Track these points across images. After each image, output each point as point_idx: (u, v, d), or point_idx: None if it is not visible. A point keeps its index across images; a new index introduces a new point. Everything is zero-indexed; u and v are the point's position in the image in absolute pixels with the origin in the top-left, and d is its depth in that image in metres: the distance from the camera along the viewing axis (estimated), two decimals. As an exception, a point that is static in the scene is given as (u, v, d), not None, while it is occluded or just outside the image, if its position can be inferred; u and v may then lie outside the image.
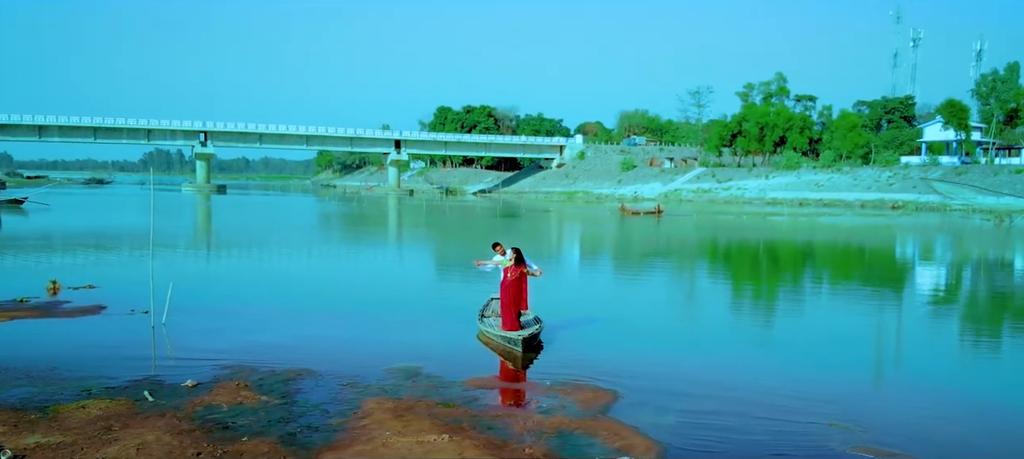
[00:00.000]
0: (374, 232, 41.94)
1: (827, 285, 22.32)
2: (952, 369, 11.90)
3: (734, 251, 32.35)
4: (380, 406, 8.44)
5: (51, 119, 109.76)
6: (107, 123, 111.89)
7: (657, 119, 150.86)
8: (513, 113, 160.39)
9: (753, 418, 8.51)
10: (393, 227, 47.23)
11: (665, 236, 39.82)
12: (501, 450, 7.23)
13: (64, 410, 8.04)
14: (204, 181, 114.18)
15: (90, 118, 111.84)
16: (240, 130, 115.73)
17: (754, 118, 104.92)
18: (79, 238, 31.14)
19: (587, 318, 14.73)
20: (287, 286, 19.02)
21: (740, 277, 23.97)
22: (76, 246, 27.24)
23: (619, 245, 35.59)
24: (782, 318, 16.25)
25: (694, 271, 25.38)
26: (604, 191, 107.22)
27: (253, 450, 7.04)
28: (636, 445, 7.50)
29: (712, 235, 40.96)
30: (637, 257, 29.99)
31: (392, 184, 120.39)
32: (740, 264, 27.86)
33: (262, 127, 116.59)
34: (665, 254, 30.94)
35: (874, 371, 11.12)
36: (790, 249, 33.31)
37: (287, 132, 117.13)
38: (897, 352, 13.04)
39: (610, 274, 24.38)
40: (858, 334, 14.28)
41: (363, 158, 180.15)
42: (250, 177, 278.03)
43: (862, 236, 40.77)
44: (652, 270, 25.36)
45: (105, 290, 16.60)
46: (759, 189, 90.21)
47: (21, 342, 11.60)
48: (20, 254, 25.06)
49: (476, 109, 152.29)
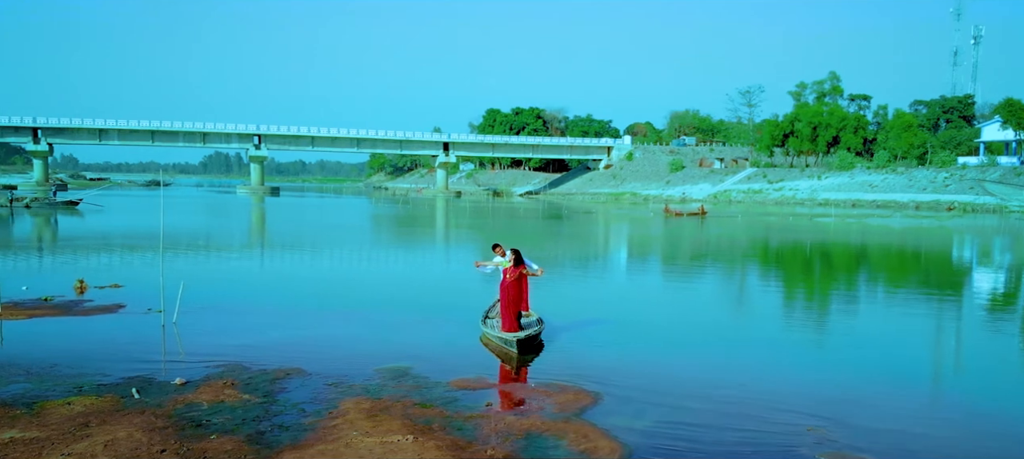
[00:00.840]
0: (411, 233, 42.28)
1: (852, 288, 21.76)
2: (964, 379, 11.51)
3: (768, 253, 31.80)
4: (357, 406, 8.52)
5: (111, 123, 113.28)
6: (164, 126, 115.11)
7: (708, 119, 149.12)
8: (562, 114, 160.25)
9: (732, 422, 8.38)
10: (430, 229, 47.52)
11: (703, 238, 39.34)
12: (463, 451, 7.24)
13: (50, 406, 8.30)
14: (258, 183, 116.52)
15: (148, 121, 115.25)
16: (293, 133, 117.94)
17: (807, 118, 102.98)
18: (121, 239, 32.06)
19: (597, 319, 14.63)
20: (306, 286, 19.26)
21: (765, 279, 23.58)
22: (115, 246, 28.04)
23: (653, 246, 35.25)
24: (798, 322, 15.90)
25: (720, 273, 25.01)
26: (652, 192, 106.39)
27: (217, 448, 7.18)
28: (601, 447, 7.45)
29: (751, 237, 40.28)
30: (666, 258, 29.68)
31: (440, 186, 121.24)
32: (770, 266, 27.40)
33: (314, 130, 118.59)
34: (696, 256, 30.55)
35: (879, 377, 10.79)
36: (827, 251, 32.60)
37: (338, 135, 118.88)
38: (909, 359, 12.64)
39: (633, 274, 24.18)
40: (872, 339, 13.91)
41: (414, 161, 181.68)
42: (306, 180, 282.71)
43: (906, 238, 39.69)
44: (677, 271, 25.09)
45: (129, 289, 17.05)
46: (811, 190, 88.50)
47: (32, 339, 11.97)
48: (61, 253, 25.90)
49: (525, 111, 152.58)
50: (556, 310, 15.21)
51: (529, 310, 13.30)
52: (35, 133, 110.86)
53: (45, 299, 15.35)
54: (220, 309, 15.18)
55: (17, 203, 56.70)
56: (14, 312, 13.87)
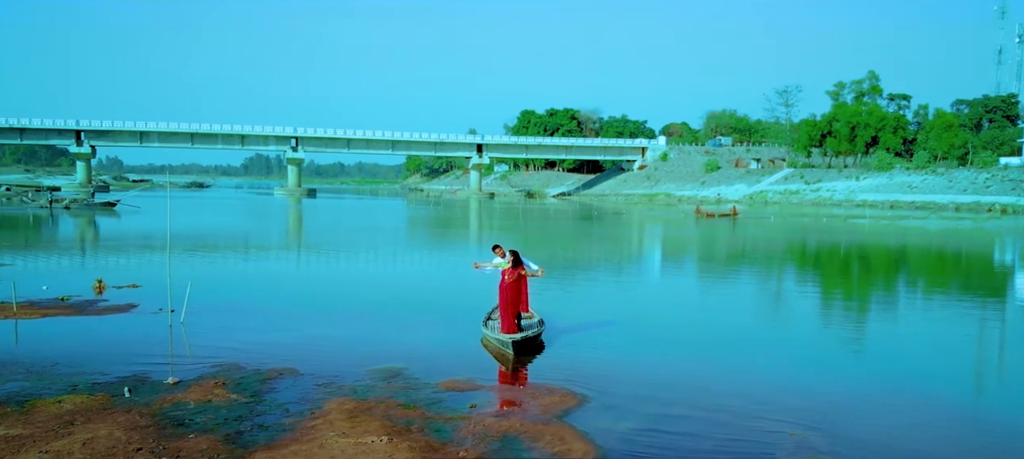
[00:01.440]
0: (435, 235, 42.41)
1: (868, 291, 21.33)
2: (969, 389, 11.20)
3: (793, 255, 31.37)
4: (340, 406, 8.56)
5: (152, 125, 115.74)
6: (203, 129, 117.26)
7: (745, 119, 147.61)
8: (597, 115, 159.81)
9: (715, 426, 8.27)
10: (456, 230, 47.64)
11: (730, 240, 38.90)
12: (435, 452, 7.23)
13: (41, 404, 8.46)
14: (295, 185, 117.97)
15: (188, 124, 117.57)
16: (329, 136, 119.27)
17: (845, 117, 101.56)
18: (149, 239, 32.62)
19: (604, 321, 14.51)
20: (319, 286, 19.46)
21: (785, 282, 23.23)
22: (141, 247, 28.54)
23: (676, 248, 34.95)
24: (808, 325, 15.61)
25: (739, 275, 24.69)
26: (686, 193, 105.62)
27: (192, 447, 7.26)
28: (574, 449, 7.40)
29: (781, 238, 39.75)
30: (686, 260, 29.40)
31: (473, 188, 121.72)
32: (792, 268, 27.00)
33: (350, 133, 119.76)
34: (719, 258, 30.21)
35: (879, 384, 10.55)
36: (854, 254, 32.04)
37: (374, 137, 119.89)
38: (914, 366, 12.34)
39: (649, 276, 23.96)
40: (879, 344, 13.66)
41: (449, 162, 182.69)
42: (344, 181, 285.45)
43: (939, 240, 38.90)
44: (695, 274, 24.86)
45: (146, 290, 17.33)
46: (848, 191, 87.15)
47: (41, 338, 12.21)
48: (88, 254, 26.46)
49: (559, 112, 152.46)
50: (565, 311, 15.26)
51: (529, 311, 13.28)
52: (78, 135, 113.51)
53: (62, 299, 15.67)
54: (230, 309, 15.38)
55: (57, 204, 58.11)
56: (29, 311, 14.18)
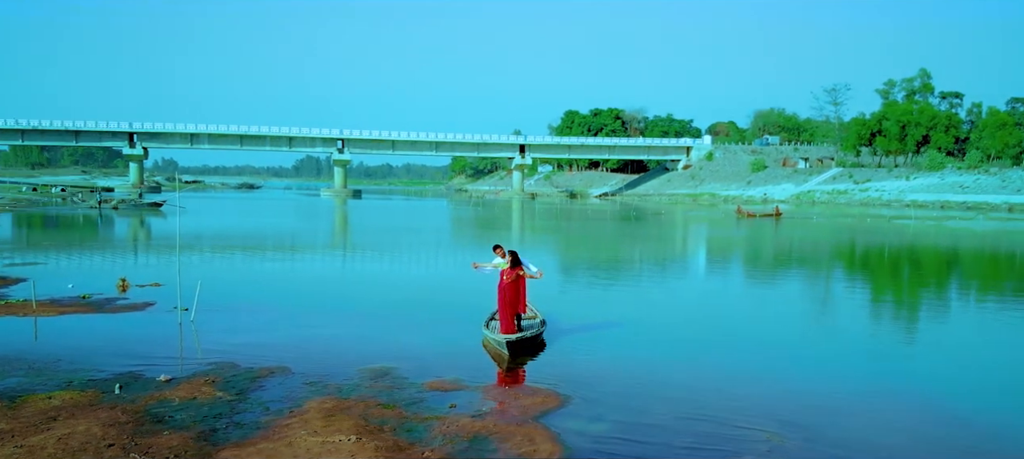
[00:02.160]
0: (469, 236, 42.49)
1: (886, 294, 20.76)
2: (964, 392, 10.80)
3: (826, 256, 30.74)
4: (320, 405, 8.60)
5: (202, 127, 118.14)
6: (252, 131, 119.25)
7: (794, 118, 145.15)
8: (641, 115, 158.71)
9: (692, 427, 8.17)
10: (492, 231, 47.68)
11: (767, 240, 38.27)
12: (401, 452, 7.22)
13: (31, 400, 8.66)
14: (341, 186, 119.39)
15: (237, 126, 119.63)
16: (374, 137, 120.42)
17: (895, 116, 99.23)
18: (187, 239, 33.29)
19: (613, 321, 14.46)
20: (335, 286, 19.69)
21: (808, 283, 22.76)
22: (175, 246, 29.09)
23: (708, 249, 34.49)
24: (818, 327, 15.26)
25: (764, 276, 24.26)
26: (732, 193, 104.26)
27: (164, 443, 7.35)
28: (541, 450, 7.36)
29: (820, 239, 39.02)
30: (715, 261, 28.98)
31: (516, 188, 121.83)
32: (820, 270, 26.43)
33: (395, 134, 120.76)
34: (750, 259, 29.74)
35: (873, 387, 10.25)
36: (889, 255, 31.27)
37: (418, 139, 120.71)
38: (911, 368, 11.96)
39: (669, 277, 23.62)
40: (886, 345, 13.31)
41: (494, 163, 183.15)
42: (392, 182, 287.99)
43: (983, 242, 37.77)
44: (719, 274, 24.50)
45: (168, 288, 17.56)
46: (898, 191, 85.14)
47: (53, 335, 12.50)
48: (120, 252, 27.11)
49: (603, 112, 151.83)
50: (577, 311, 15.29)
51: (532, 311, 13.23)
52: (131, 137, 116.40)
53: (83, 296, 16.05)
54: (243, 308, 15.56)
55: (105, 205, 59.70)
56: (49, 308, 14.54)
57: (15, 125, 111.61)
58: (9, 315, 13.98)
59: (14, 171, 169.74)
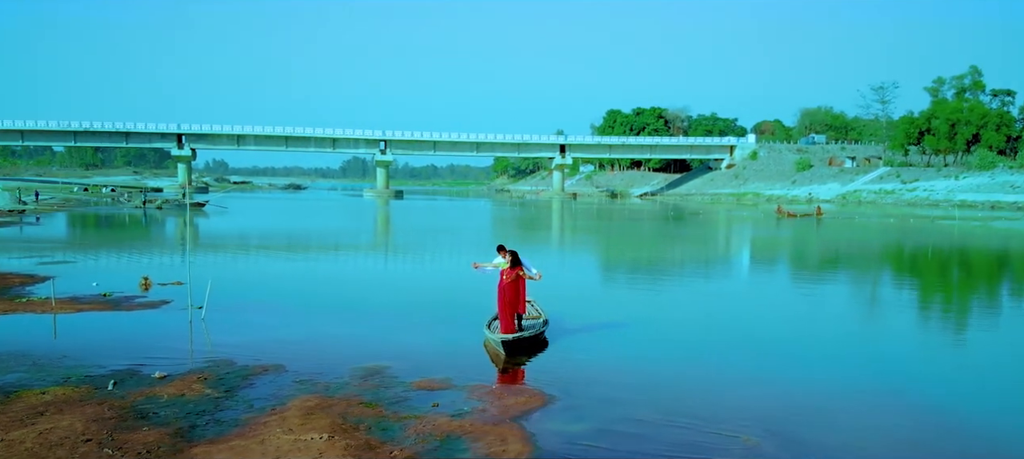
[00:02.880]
0: (501, 237, 42.49)
1: (904, 294, 20.22)
2: (951, 394, 10.44)
3: (856, 257, 30.10)
4: (303, 404, 8.65)
5: (248, 129, 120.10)
6: (297, 132, 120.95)
7: (842, 116, 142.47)
8: (685, 114, 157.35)
9: (671, 429, 8.10)
10: (524, 231, 47.62)
11: (803, 240, 37.61)
12: (370, 451, 7.23)
13: (25, 395, 8.85)
14: (383, 187, 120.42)
15: (282, 128, 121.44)
16: (416, 138, 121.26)
17: (944, 114, 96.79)
18: (223, 239, 33.90)
19: (625, 321, 14.42)
20: (351, 286, 19.79)
21: (830, 284, 22.29)
22: (207, 245, 29.65)
23: (739, 249, 33.99)
24: (829, 329, 14.87)
25: (789, 276, 23.83)
26: (776, 192, 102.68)
27: (139, 439, 7.46)
28: (510, 450, 7.34)
29: (858, 239, 38.24)
30: (743, 261, 28.54)
31: (556, 188, 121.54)
32: (843, 270, 25.87)
33: (436, 135, 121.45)
34: (778, 259, 29.23)
35: (869, 386, 9.98)
36: (922, 255, 30.46)
37: (458, 140, 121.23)
38: (909, 370, 11.63)
39: (691, 277, 23.30)
40: (889, 347, 12.97)
41: (536, 163, 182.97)
42: (436, 183, 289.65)
43: None
44: (742, 274, 24.09)
45: (195, 287, 17.77)
46: (947, 190, 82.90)
47: (65, 331, 12.80)
48: (152, 251, 27.65)
49: (646, 111, 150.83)
50: (590, 310, 15.32)
51: (536, 310, 13.18)
52: (179, 139, 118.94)
53: (105, 295, 16.40)
54: (255, 307, 15.74)
55: (150, 205, 61.09)
56: (68, 306, 14.89)
57: (67, 127, 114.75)
58: (28, 312, 14.37)
59: (69, 172, 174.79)
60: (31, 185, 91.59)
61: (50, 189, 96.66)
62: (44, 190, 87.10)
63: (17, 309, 14.58)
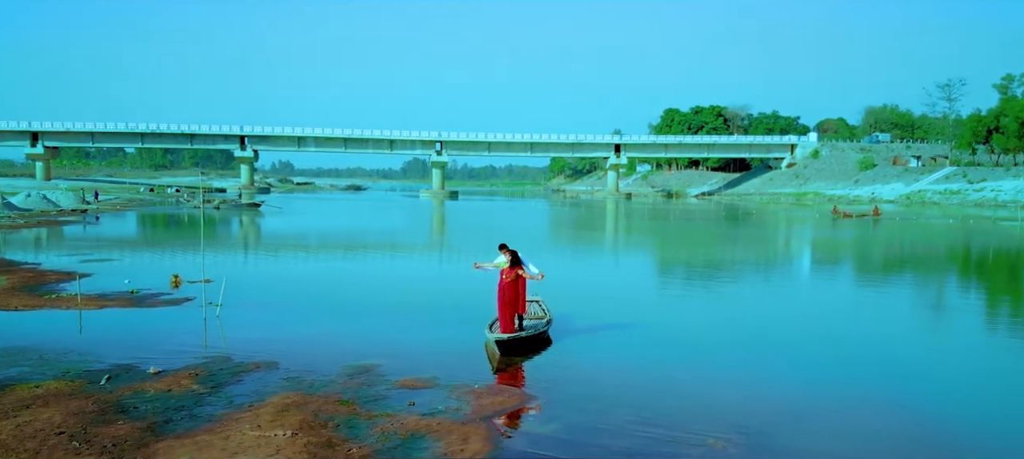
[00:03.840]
0: (543, 236, 42.35)
1: (927, 298, 19.42)
2: (934, 399, 9.98)
3: (901, 258, 29.11)
4: (281, 401, 8.73)
5: (308, 131, 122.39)
6: (355, 134, 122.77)
7: (908, 115, 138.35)
8: (745, 112, 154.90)
9: (642, 431, 8.00)
10: (562, 230, 47.38)
11: (855, 242, 36.58)
12: (329, 449, 7.25)
13: (19, 388, 9.12)
14: (439, 187, 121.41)
15: (341, 130, 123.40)
16: (471, 139, 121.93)
17: (1014, 112, 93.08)
18: (270, 238, 34.58)
19: (638, 322, 14.28)
20: (373, 283, 20.01)
21: (860, 286, 21.57)
22: (250, 245, 30.29)
23: (782, 250, 33.21)
24: (844, 333, 14.40)
25: (824, 278, 23.18)
26: (838, 192, 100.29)
27: (112, 432, 7.62)
28: (468, 450, 7.32)
29: (912, 240, 37.01)
30: (781, 262, 27.86)
31: (610, 188, 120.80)
32: (883, 271, 25.04)
33: (491, 136, 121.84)
34: (819, 260, 28.46)
35: (866, 395, 9.62)
36: (966, 258, 29.29)
37: (513, 140, 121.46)
38: (924, 377, 11.17)
39: (722, 279, 22.84)
40: (903, 356, 12.46)
41: (592, 163, 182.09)
42: (494, 183, 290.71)
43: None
44: (776, 276, 23.51)
45: (216, 285, 18.15)
46: (1015, 191, 79.72)
47: (80, 327, 13.18)
48: (192, 250, 28.28)
49: (705, 110, 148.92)
50: (607, 310, 15.30)
51: (537, 309, 13.10)
52: (242, 140, 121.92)
53: (132, 292, 16.86)
54: (273, 304, 15.99)
55: (208, 204, 62.70)
56: (95, 302, 15.32)
57: (135, 129, 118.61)
58: (54, 308, 14.83)
59: (139, 172, 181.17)
60: (94, 185, 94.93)
61: (117, 189, 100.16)
62: (111, 190, 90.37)
63: (44, 305, 15.07)
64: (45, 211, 49.60)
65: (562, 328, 13.10)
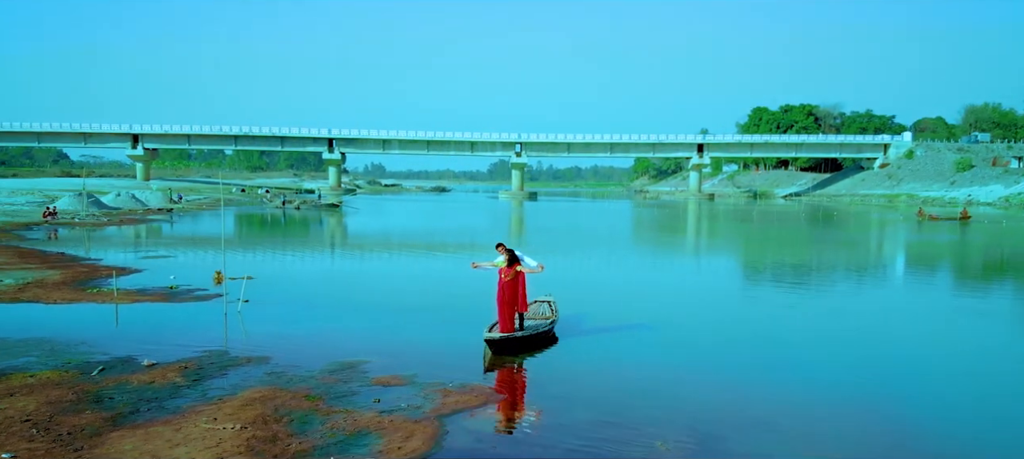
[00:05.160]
0: (599, 240, 41.89)
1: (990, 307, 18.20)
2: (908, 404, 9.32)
3: (971, 264, 27.47)
4: (249, 395, 8.89)
5: (392, 134, 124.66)
6: (437, 137, 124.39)
7: (1011, 113, 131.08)
8: (837, 110, 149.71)
9: (593, 432, 7.95)
10: (625, 232, 46.70)
11: (932, 245, 34.84)
12: (270, 444, 7.33)
13: (15, 377, 9.54)
14: (518, 188, 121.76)
15: (424, 133, 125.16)
16: (550, 140, 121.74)
17: None
18: (334, 238, 35.33)
19: (657, 324, 13.97)
20: (409, 282, 20.12)
21: (913, 292, 20.47)
22: (310, 244, 31.01)
23: (844, 252, 31.87)
24: (845, 335, 13.68)
25: (875, 282, 22.10)
26: (933, 193, 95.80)
27: (74, 422, 7.89)
28: (408, 447, 7.36)
29: (994, 244, 34.98)
30: (835, 266, 26.68)
31: (692, 188, 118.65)
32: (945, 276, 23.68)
33: (570, 137, 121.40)
34: (878, 265, 27.16)
35: (843, 398, 9.12)
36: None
37: (592, 141, 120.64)
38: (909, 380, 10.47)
39: (765, 282, 22.03)
40: (898, 360, 11.73)
41: (677, 164, 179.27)
42: (578, 184, 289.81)
43: None
44: (821, 280, 22.55)
45: (257, 282, 18.59)
46: None
47: (104, 321, 13.69)
48: (248, 247, 29.20)
49: (794, 108, 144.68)
50: (628, 311, 15.11)
51: (545, 308, 12.96)
52: (330, 143, 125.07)
53: (171, 287, 17.48)
54: (300, 301, 16.25)
55: (289, 205, 64.67)
56: (132, 297, 15.97)
57: (229, 131, 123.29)
58: (91, 302, 15.51)
59: (236, 173, 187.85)
60: (190, 185, 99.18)
61: (210, 189, 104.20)
62: (202, 190, 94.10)
63: (82, 299, 15.78)
64: (133, 210, 52.08)
65: (578, 328, 13.08)
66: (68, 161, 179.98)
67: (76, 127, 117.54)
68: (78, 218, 42.69)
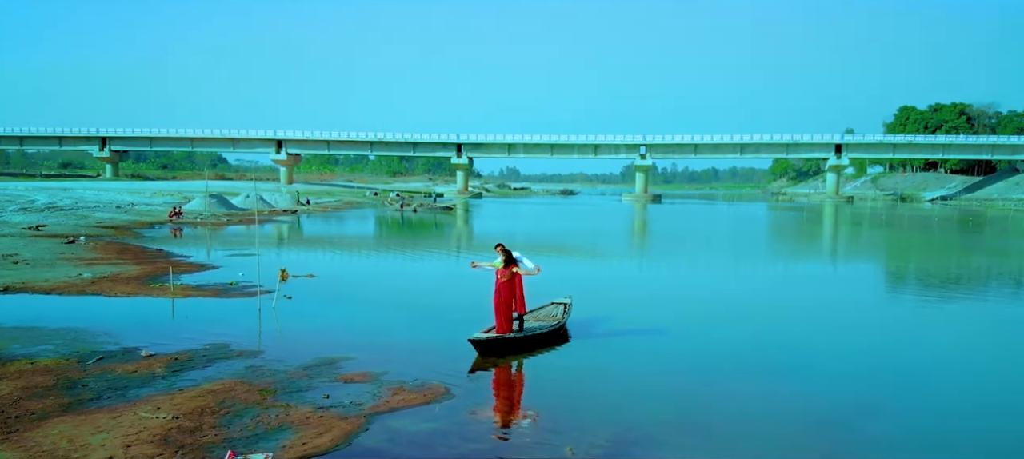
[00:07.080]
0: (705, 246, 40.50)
1: None
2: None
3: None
4: (212, 387, 9.14)
5: (517, 138, 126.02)
6: (561, 140, 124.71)
7: None
8: (992, 110, 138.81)
9: (515, 433, 7.97)
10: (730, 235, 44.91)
11: None
12: (188, 435, 7.47)
13: (15, 364, 10.20)
14: (642, 191, 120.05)
15: (548, 136, 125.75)
16: (676, 142, 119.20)
17: None
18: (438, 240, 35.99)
19: (659, 329, 13.37)
20: (458, 284, 19.98)
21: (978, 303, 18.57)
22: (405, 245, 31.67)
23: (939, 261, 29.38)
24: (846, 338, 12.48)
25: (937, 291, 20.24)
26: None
27: (33, 406, 8.33)
28: (321, 441, 7.42)
29: None
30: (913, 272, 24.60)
31: (829, 190, 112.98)
32: None
33: (696, 138, 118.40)
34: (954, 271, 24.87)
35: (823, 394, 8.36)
36: None
37: (720, 141, 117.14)
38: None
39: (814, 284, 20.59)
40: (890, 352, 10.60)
41: (817, 165, 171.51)
42: (715, 186, 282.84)
43: None
44: (874, 286, 20.84)
45: (320, 280, 19.23)
46: None
47: (150, 314, 14.41)
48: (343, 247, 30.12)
49: (945, 107, 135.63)
50: (657, 317, 14.55)
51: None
52: (458, 148, 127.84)
53: (231, 283, 18.27)
54: (343, 300, 16.64)
55: (406, 207, 66.61)
56: (190, 292, 16.79)
57: (366, 137, 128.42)
58: (149, 296, 16.39)
59: (377, 177, 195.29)
60: (328, 189, 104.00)
61: (348, 193, 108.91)
62: (339, 194, 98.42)
63: (142, 292, 16.72)
64: (259, 211, 55.00)
65: (600, 330, 12.94)
66: (226, 164, 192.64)
67: (226, 132, 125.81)
68: (201, 218, 45.45)
